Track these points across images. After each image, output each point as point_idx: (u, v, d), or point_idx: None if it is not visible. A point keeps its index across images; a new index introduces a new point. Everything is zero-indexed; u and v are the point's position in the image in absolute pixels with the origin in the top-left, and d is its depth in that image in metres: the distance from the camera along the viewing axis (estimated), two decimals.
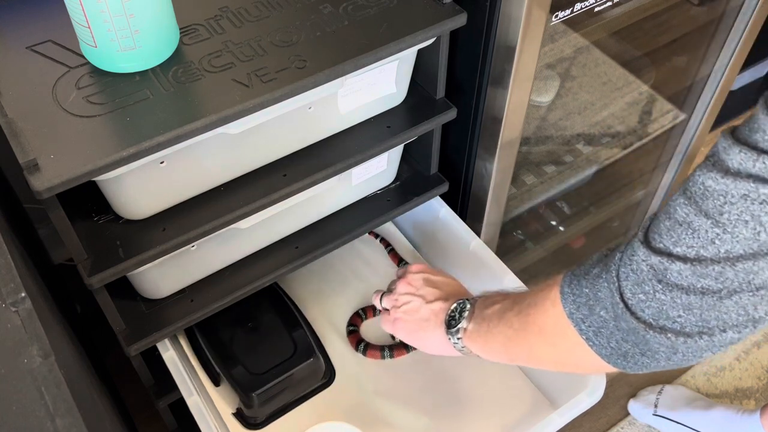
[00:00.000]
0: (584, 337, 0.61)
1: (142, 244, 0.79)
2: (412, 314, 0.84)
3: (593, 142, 1.39)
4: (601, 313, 0.59)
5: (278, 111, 0.78)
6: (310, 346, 0.96)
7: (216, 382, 0.98)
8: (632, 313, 0.56)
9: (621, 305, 0.56)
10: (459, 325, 0.77)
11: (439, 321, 0.81)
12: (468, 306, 0.78)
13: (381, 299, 0.92)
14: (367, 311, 1.08)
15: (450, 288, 0.86)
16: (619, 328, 0.58)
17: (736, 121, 0.76)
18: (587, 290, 0.60)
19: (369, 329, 1.07)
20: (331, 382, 0.99)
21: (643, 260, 0.54)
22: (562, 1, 0.90)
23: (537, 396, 0.97)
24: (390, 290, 0.91)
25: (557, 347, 0.65)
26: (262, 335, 0.98)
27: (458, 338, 0.77)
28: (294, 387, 0.95)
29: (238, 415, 0.95)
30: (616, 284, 0.57)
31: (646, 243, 0.55)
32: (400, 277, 0.90)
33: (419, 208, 1.07)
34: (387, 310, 0.89)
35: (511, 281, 0.98)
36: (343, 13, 0.84)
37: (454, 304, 0.80)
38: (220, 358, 0.95)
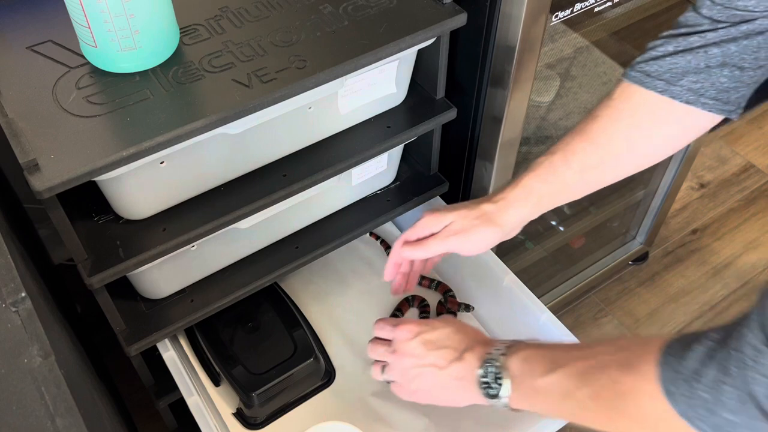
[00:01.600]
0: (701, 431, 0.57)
1: (142, 244, 0.79)
2: (430, 384, 0.79)
3: None
4: (726, 416, 0.54)
5: (278, 111, 0.78)
6: (310, 346, 0.96)
7: (216, 382, 0.98)
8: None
9: (756, 412, 0.53)
10: (502, 396, 0.72)
11: (468, 385, 0.75)
12: (501, 371, 0.72)
13: (382, 372, 0.84)
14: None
15: (455, 340, 0.78)
16: (749, 427, 0.54)
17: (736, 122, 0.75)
18: (706, 395, 0.55)
19: None
20: (331, 382, 0.99)
21: None
22: (562, 1, 0.90)
23: None
24: (385, 361, 0.83)
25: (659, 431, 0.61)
26: (262, 335, 0.98)
27: (504, 405, 0.73)
28: (294, 387, 0.95)
29: (238, 415, 0.95)
30: (747, 390, 0.53)
31: None
32: (391, 346, 0.82)
33: (419, 208, 1.07)
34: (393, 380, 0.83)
35: (511, 281, 0.98)
36: (343, 13, 0.84)
37: (480, 370, 0.73)
38: (220, 358, 0.95)
